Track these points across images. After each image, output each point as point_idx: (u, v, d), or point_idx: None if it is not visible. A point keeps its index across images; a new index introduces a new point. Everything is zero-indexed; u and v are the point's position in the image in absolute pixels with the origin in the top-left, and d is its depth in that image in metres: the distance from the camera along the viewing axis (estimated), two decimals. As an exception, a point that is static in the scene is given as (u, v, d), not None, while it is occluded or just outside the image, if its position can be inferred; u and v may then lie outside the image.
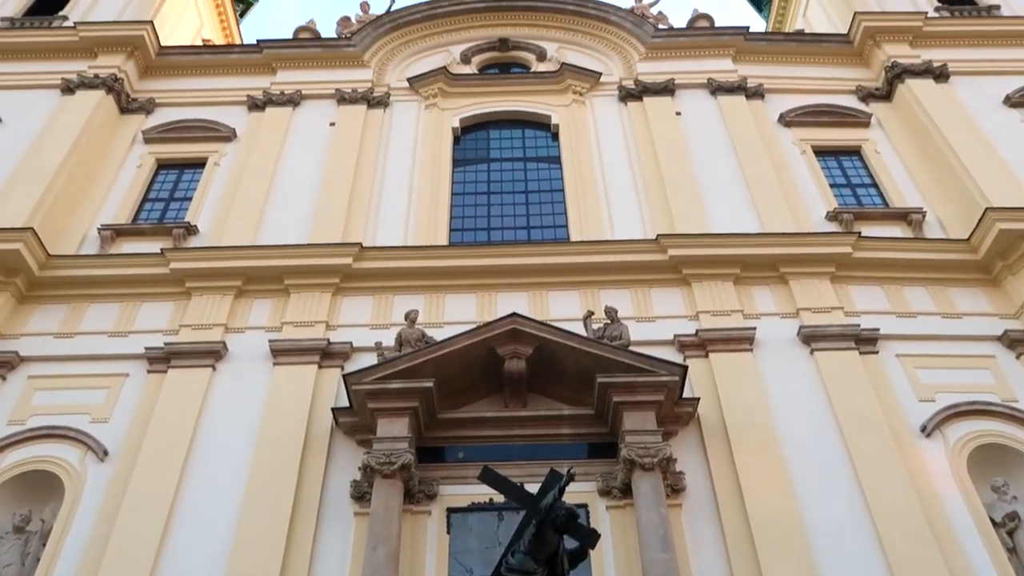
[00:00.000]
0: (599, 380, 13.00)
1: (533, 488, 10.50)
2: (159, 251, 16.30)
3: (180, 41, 24.54)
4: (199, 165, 19.34)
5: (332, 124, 20.07)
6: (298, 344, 14.86)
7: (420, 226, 17.57)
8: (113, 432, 13.82)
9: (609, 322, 14.37)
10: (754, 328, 14.99)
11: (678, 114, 20.22)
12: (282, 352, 14.78)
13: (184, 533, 12.44)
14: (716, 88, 20.90)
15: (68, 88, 20.17)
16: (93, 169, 18.80)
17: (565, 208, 18.30)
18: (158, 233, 17.42)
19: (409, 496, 12.58)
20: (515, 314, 13.87)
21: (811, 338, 14.83)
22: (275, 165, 18.90)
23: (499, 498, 11.56)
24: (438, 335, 14.24)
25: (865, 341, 14.80)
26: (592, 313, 14.70)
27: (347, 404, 13.46)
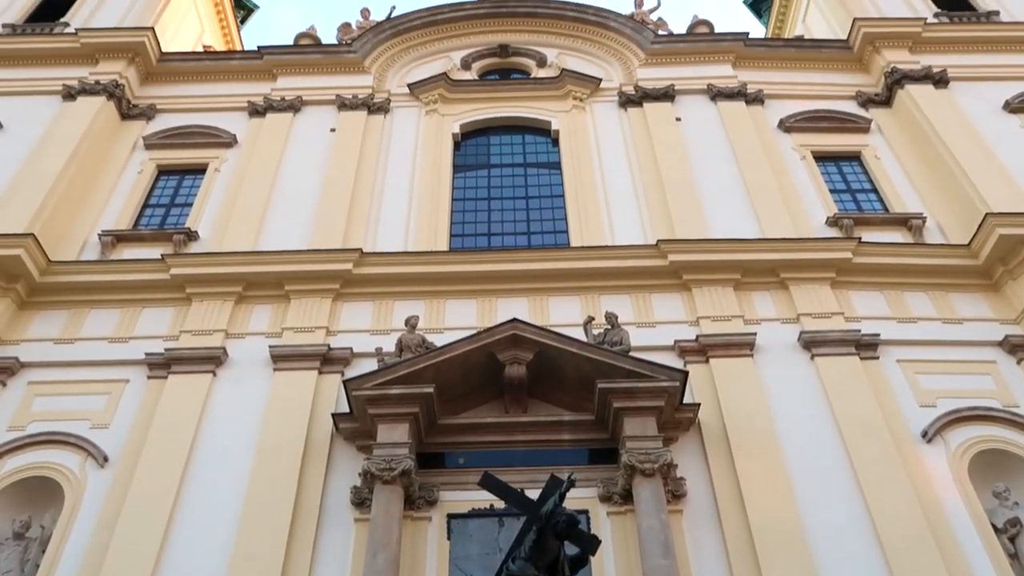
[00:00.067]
0: (599, 386, 12.99)
1: (534, 494, 10.45)
2: (160, 257, 16.31)
3: (181, 47, 24.60)
4: (200, 171, 19.36)
5: (333, 130, 20.08)
6: (298, 350, 14.86)
7: (420, 232, 17.58)
8: (113, 438, 13.80)
9: (609, 327, 14.37)
10: (754, 333, 14.99)
11: (678, 120, 20.22)
12: (282, 358, 14.78)
13: (184, 539, 12.42)
14: (716, 94, 20.92)
15: (69, 94, 20.20)
16: (94, 175, 18.81)
17: (565, 213, 18.30)
18: (159, 239, 17.43)
19: (409, 502, 12.55)
20: (515, 320, 13.89)
21: (812, 343, 14.82)
22: (276, 171, 18.91)
23: (500, 504, 11.48)
24: (438, 341, 14.27)
25: (866, 346, 14.79)
26: (592, 318, 14.70)
27: (347, 410, 13.44)
